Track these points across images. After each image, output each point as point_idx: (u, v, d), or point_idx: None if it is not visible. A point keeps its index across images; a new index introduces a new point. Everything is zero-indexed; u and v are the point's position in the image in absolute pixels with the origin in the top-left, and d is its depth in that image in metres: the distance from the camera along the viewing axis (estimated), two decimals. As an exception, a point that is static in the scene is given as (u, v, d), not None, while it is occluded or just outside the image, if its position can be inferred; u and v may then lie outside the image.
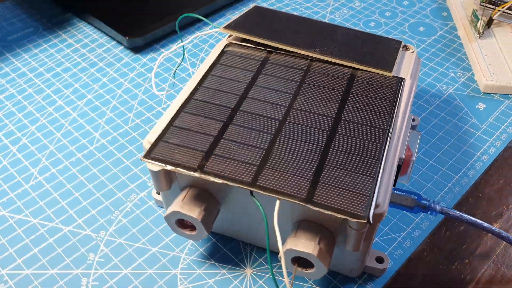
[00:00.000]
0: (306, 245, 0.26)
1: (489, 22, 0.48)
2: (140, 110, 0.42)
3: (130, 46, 0.46)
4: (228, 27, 0.35)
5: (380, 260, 0.31)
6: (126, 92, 0.43)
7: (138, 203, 0.35)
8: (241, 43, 0.35)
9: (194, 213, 0.28)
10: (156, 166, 0.28)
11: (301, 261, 0.27)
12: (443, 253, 0.33)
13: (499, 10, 0.48)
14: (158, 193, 0.35)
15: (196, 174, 0.26)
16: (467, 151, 0.39)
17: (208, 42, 0.49)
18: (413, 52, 0.37)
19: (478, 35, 0.47)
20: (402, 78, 0.33)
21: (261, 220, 0.29)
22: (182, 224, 0.30)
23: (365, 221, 0.24)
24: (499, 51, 0.46)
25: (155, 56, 0.47)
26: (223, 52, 0.34)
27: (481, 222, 0.30)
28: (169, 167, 0.26)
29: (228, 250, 0.32)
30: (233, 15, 0.52)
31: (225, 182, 0.26)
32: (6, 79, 0.45)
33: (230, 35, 0.36)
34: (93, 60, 0.47)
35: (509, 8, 0.48)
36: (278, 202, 0.25)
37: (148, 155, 0.27)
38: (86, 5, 0.50)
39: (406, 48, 0.38)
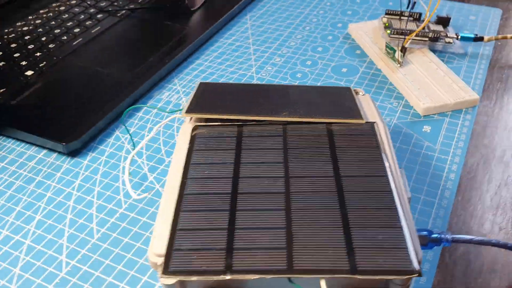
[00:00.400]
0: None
1: (403, 51, 0.52)
2: (101, 217, 0.38)
3: (66, 151, 0.43)
4: (189, 111, 0.34)
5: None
6: (79, 202, 0.39)
7: (139, 321, 0.31)
8: (207, 124, 0.34)
9: (225, 317, 0.25)
10: (171, 280, 0.25)
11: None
12: (457, 278, 0.33)
13: (410, 39, 0.51)
14: (160, 304, 0.31)
15: (228, 277, 0.24)
16: (435, 174, 0.40)
17: (148, 124, 0.46)
18: (364, 95, 0.38)
19: (399, 65, 0.51)
20: (374, 122, 0.33)
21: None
22: (210, 332, 0.27)
23: (417, 275, 0.23)
24: (421, 74, 0.50)
25: (95, 155, 0.44)
26: (193, 137, 0.33)
27: (487, 239, 0.31)
28: (194, 278, 0.24)
29: None
30: (161, 94, 0.50)
31: (261, 276, 0.24)
32: None
33: (191, 118, 0.35)
34: (28, 175, 0.42)
35: (416, 35, 0.53)
36: (323, 281, 0.24)
37: (167, 270, 0.24)
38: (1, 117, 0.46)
39: (356, 92, 0.39)
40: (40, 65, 0.51)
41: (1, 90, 0.48)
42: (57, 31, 0.57)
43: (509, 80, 0.51)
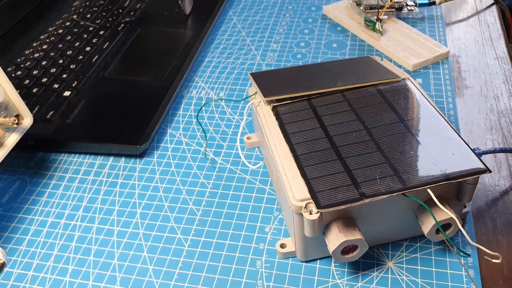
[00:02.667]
0: (448, 213, 0.35)
1: (381, 21, 0.62)
2: (194, 199, 0.45)
3: (139, 153, 0.49)
4: (266, 95, 0.42)
5: (464, 206, 0.41)
6: (168, 191, 0.46)
7: (268, 265, 0.39)
8: (281, 103, 0.42)
9: (357, 235, 0.34)
10: (314, 215, 0.33)
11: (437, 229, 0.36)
12: (484, 180, 0.44)
13: (384, 11, 0.62)
14: (282, 247, 0.39)
15: (366, 200, 0.33)
16: (439, 113, 0.51)
17: (215, 114, 0.53)
18: (381, 60, 0.48)
19: (380, 34, 0.61)
20: (406, 78, 0.43)
21: (396, 218, 0.37)
22: (343, 251, 0.36)
23: (487, 172, 0.34)
24: (400, 39, 0.61)
25: (161, 153, 0.50)
26: (277, 114, 0.41)
27: (505, 147, 0.43)
28: (342, 207, 0.33)
29: (362, 259, 0.39)
30: (190, 92, 0.57)
31: (388, 195, 0.33)
32: (41, 235, 0.43)
33: (263, 101, 0.43)
34: (109, 180, 0.48)
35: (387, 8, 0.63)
36: (429, 190, 0.33)
37: (319, 206, 0.33)
38: (64, 135, 0.50)
39: (375, 59, 0.49)
40: (73, 85, 0.56)
41: (51, 113, 0.52)
42: (69, 52, 0.62)
43: (464, 32, 0.64)
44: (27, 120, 0.42)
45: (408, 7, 0.65)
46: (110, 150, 0.49)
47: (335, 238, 0.34)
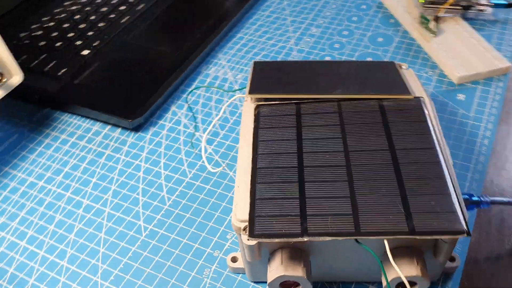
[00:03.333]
0: (410, 270, 0.29)
1: (436, 20, 0.54)
2: (170, 186, 0.43)
3: (131, 127, 0.47)
4: (252, 91, 0.37)
5: (452, 259, 0.34)
6: (148, 173, 0.44)
7: (215, 276, 0.36)
8: (268, 103, 0.37)
9: (298, 272, 0.30)
10: (252, 241, 0.29)
11: (403, 284, 0.30)
12: (492, 235, 0.37)
13: (448, 8, 0.54)
14: (233, 261, 0.36)
15: (305, 239, 0.28)
16: (470, 140, 0.44)
17: (211, 102, 0.50)
18: (407, 69, 0.42)
19: (433, 35, 0.53)
20: (421, 97, 0.37)
21: (357, 259, 0.32)
22: (283, 285, 0.31)
23: (465, 235, 0.27)
24: (455, 44, 0.52)
25: (157, 130, 0.48)
26: (257, 116, 0.36)
27: (523, 200, 0.35)
28: (276, 240, 0.28)
29: (318, 293, 0.35)
30: (208, 69, 0.54)
31: (333, 238, 0.28)
32: (17, 194, 0.43)
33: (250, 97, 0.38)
34: (97, 149, 0.47)
35: (450, 4, 0.55)
36: (386, 241, 0.28)
37: (252, 234, 0.29)
38: (66, 96, 0.50)
39: (400, 67, 0.42)
40: (94, 44, 0.55)
41: (63, 70, 0.52)
42: (103, 9, 0.60)
43: (539, 46, 0.54)
44: (16, 78, 0.42)
45: (479, 7, 0.56)
46: (107, 119, 0.48)
47: (274, 270, 0.30)
